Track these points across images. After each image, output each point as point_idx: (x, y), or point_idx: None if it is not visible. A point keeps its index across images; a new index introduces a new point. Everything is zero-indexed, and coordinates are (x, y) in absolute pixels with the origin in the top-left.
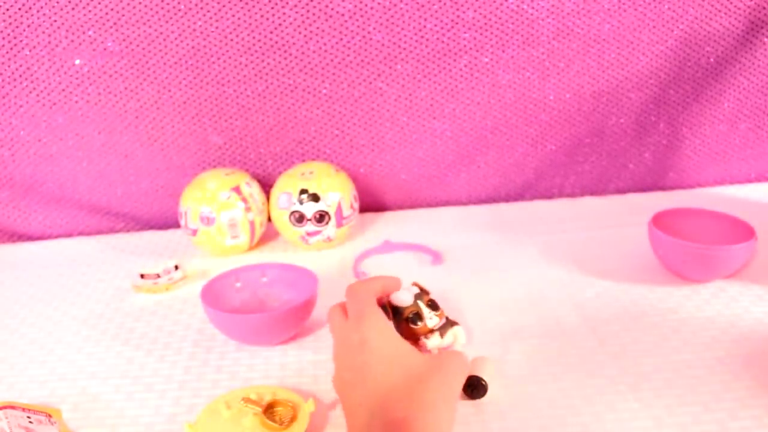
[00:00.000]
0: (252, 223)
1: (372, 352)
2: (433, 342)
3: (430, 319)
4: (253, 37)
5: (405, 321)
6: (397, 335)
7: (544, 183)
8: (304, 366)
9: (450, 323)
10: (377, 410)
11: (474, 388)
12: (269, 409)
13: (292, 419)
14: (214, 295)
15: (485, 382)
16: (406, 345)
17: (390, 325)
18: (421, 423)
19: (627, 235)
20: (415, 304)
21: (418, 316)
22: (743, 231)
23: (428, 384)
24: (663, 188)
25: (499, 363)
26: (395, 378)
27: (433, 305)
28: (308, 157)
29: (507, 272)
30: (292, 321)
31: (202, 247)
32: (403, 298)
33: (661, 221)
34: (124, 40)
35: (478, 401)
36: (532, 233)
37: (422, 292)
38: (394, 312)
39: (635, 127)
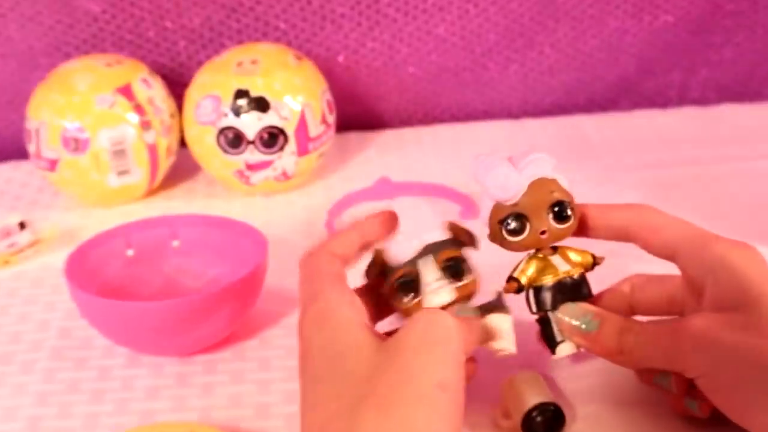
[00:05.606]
0: (153, 149)
1: (306, 369)
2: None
3: (435, 293)
4: None
5: (394, 290)
6: (344, 327)
7: (647, 82)
8: (244, 389)
9: (491, 306)
10: None
11: (535, 423)
12: None
13: None
14: (88, 270)
15: (555, 406)
16: (350, 337)
17: (345, 311)
18: None
19: None
20: (413, 263)
21: (408, 286)
22: None
23: (367, 409)
24: None
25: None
26: (331, 406)
27: (455, 269)
28: (249, 37)
29: None
30: (223, 313)
31: (66, 190)
32: (400, 251)
33: None
34: None
35: None
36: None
37: (446, 243)
38: (384, 272)
39: None
